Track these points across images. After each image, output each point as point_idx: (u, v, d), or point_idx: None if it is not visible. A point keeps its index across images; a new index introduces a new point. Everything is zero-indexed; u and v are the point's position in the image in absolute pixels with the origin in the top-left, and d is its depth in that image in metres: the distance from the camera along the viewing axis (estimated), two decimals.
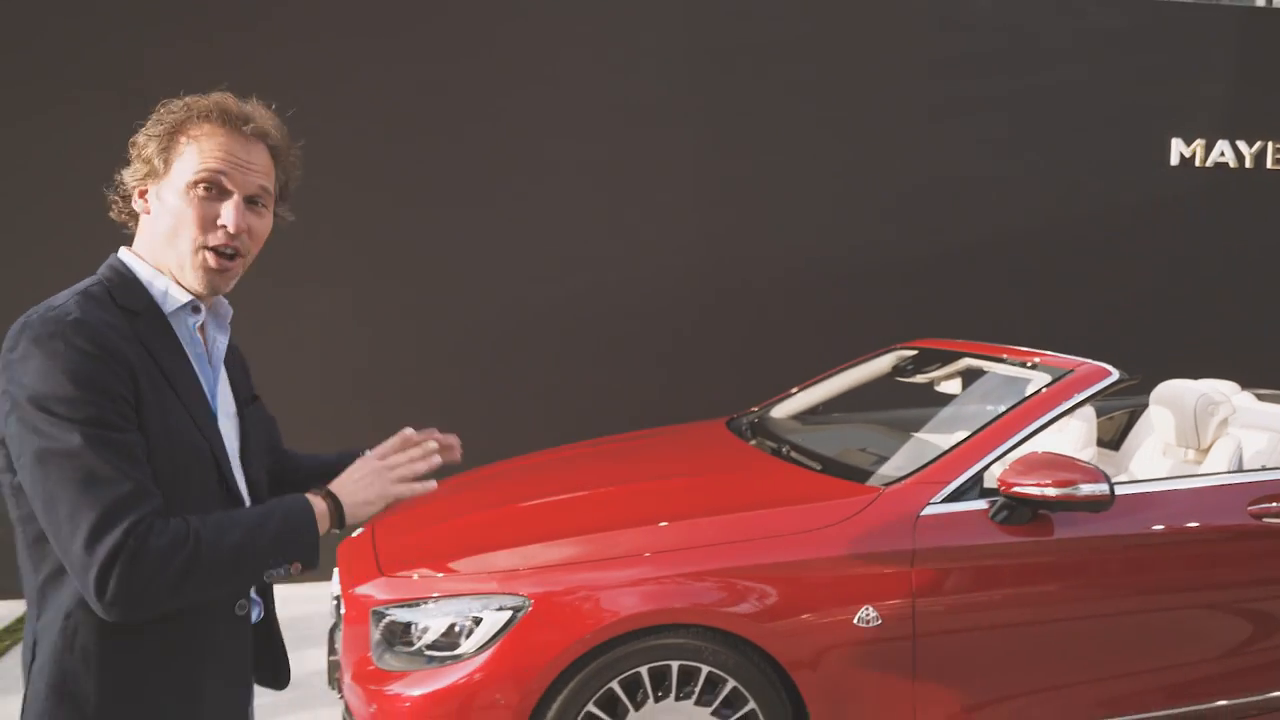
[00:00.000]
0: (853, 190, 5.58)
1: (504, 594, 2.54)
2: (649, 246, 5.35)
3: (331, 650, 3.03)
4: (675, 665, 2.54)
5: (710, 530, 2.70)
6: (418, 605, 2.63)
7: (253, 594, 1.52)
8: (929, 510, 2.73)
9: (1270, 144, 6.10)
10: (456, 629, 2.54)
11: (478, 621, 2.54)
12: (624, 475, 3.38)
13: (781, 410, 4.07)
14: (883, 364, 4.09)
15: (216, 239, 1.38)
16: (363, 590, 2.77)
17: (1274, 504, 2.93)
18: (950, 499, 2.76)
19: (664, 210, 5.36)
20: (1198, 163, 6.03)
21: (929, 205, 5.68)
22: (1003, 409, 3.08)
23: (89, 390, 1.25)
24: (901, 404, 4.12)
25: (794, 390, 4.20)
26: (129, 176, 1.42)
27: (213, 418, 1.44)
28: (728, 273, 5.46)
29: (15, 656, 4.11)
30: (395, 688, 2.56)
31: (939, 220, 5.71)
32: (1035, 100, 5.78)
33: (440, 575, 2.68)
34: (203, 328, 1.47)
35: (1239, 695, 2.90)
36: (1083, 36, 5.84)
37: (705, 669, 2.55)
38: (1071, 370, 3.04)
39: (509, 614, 2.52)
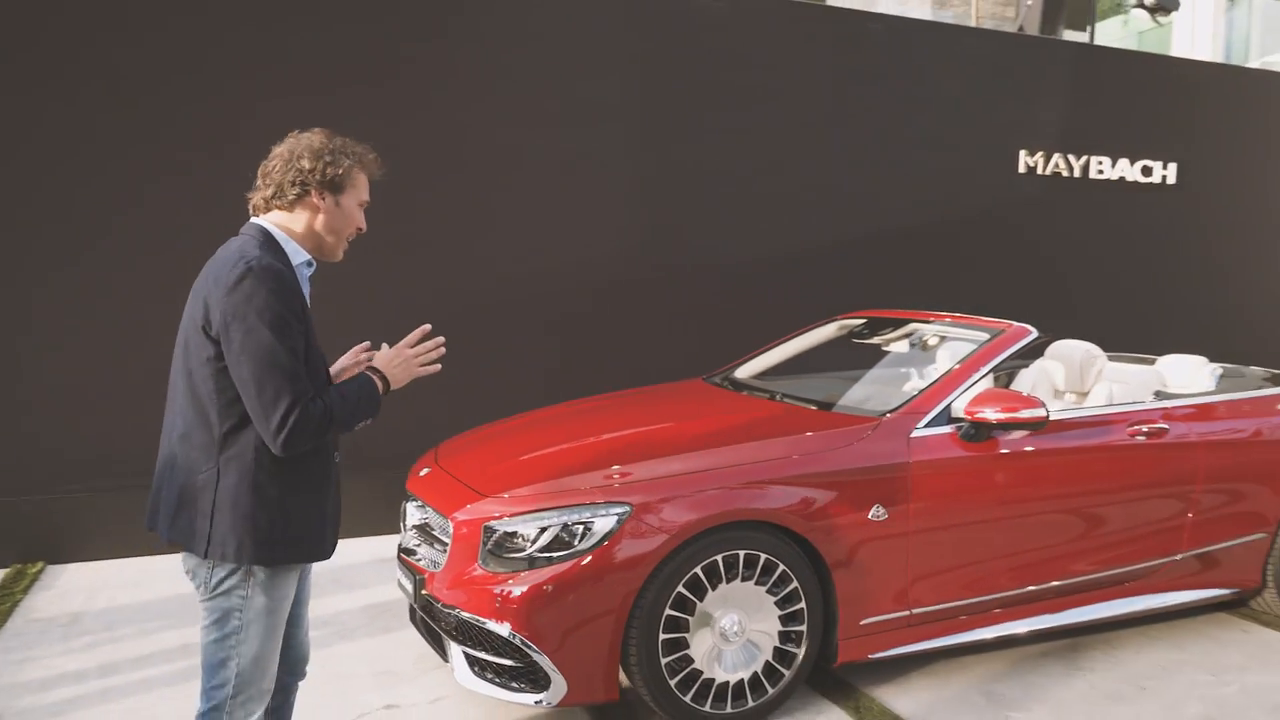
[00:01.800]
0: (767, 187, 6.42)
1: (611, 502, 3.14)
2: (593, 235, 5.97)
3: (409, 575, 3.50)
4: (742, 554, 3.22)
5: (759, 451, 3.40)
6: (527, 517, 3.18)
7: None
8: (916, 433, 3.55)
9: (1092, 158, 7.45)
10: (571, 532, 3.12)
11: (588, 526, 3.13)
12: (659, 416, 4.04)
13: (744, 372, 4.81)
14: (827, 331, 4.92)
15: (352, 234, 2.33)
16: (469, 512, 3.28)
17: (1142, 426, 3.96)
18: (929, 425, 3.59)
19: (607, 203, 6.00)
20: (1039, 171, 7.28)
21: (828, 202, 6.60)
22: (954, 360, 3.97)
23: (286, 313, 2.05)
24: (841, 364, 4.93)
25: (749, 356, 4.95)
26: (312, 179, 2.20)
27: (314, 333, 2.22)
28: (661, 258, 6.16)
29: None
30: (511, 585, 3.10)
31: (836, 215, 6.64)
32: (915, 114, 6.82)
33: (547, 493, 3.23)
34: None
35: (1139, 560, 3.91)
36: (954, 61, 6.93)
37: (763, 556, 3.25)
38: (1004, 330, 3.96)
39: (615, 519, 3.12)
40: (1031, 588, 3.73)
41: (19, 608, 4.34)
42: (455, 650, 3.26)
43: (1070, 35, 9.61)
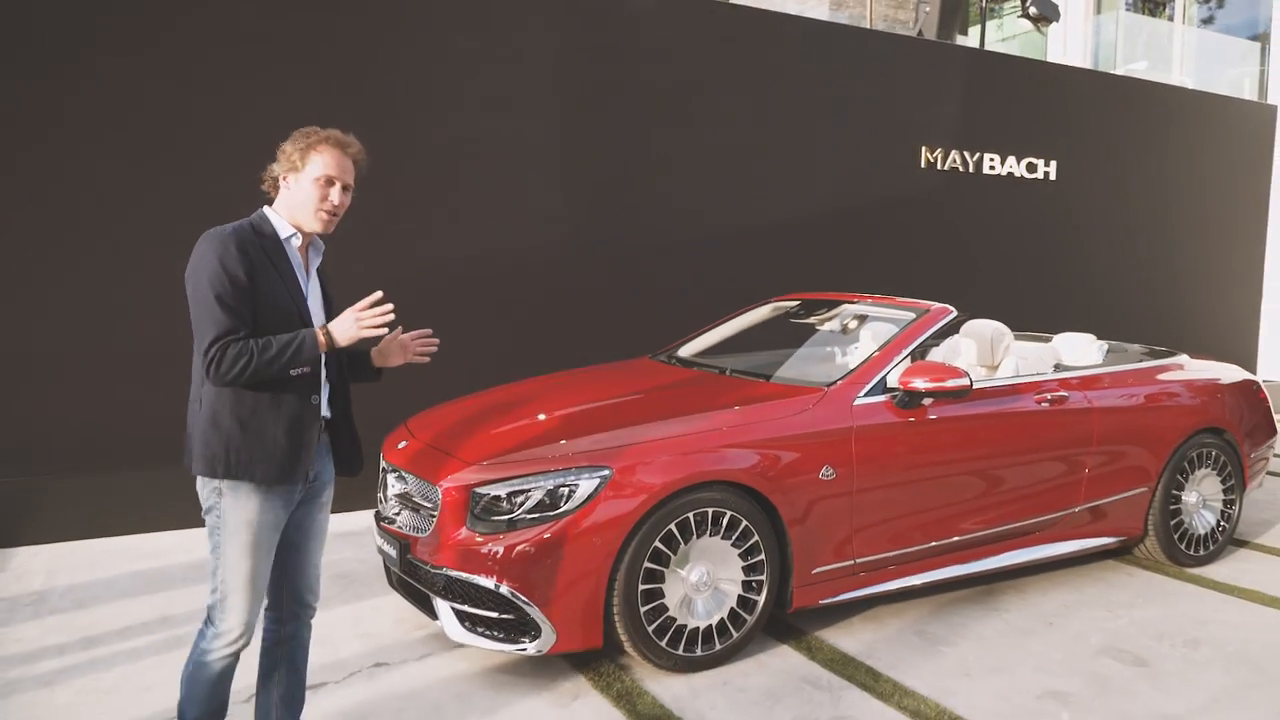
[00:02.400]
0: (693, 179, 6.77)
1: (593, 465, 3.43)
2: (535, 225, 6.21)
3: (392, 542, 3.71)
4: (710, 511, 3.56)
5: (721, 419, 3.74)
6: (515, 481, 3.43)
7: (326, 397, 2.68)
8: (858, 401, 3.95)
9: (984, 154, 8.08)
10: (557, 495, 3.39)
11: (572, 489, 3.40)
12: (621, 390, 4.32)
13: (687, 350, 5.14)
14: (762, 312, 5.30)
15: (326, 208, 2.58)
16: (455, 479, 3.51)
17: (1047, 395, 4.48)
18: (869, 394, 4.00)
19: (548, 193, 6.25)
20: (938, 166, 7.86)
21: (751, 192, 7.00)
22: (883, 337, 4.40)
23: (220, 269, 2.43)
24: (778, 341, 5.30)
25: (690, 336, 5.29)
26: (278, 169, 2.59)
27: (301, 293, 2.60)
28: (597, 246, 6.44)
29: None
30: (502, 544, 3.35)
31: (758, 205, 7.04)
32: (829, 111, 7.28)
33: (532, 459, 3.49)
34: (304, 250, 2.66)
35: (1045, 513, 4.42)
36: (863, 62, 7.42)
37: (729, 514, 3.59)
38: (928, 309, 4.41)
39: (598, 481, 3.40)
40: (956, 538, 4.19)
41: None
42: (444, 608, 3.49)
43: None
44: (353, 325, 2.52)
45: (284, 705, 2.78)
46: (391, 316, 2.55)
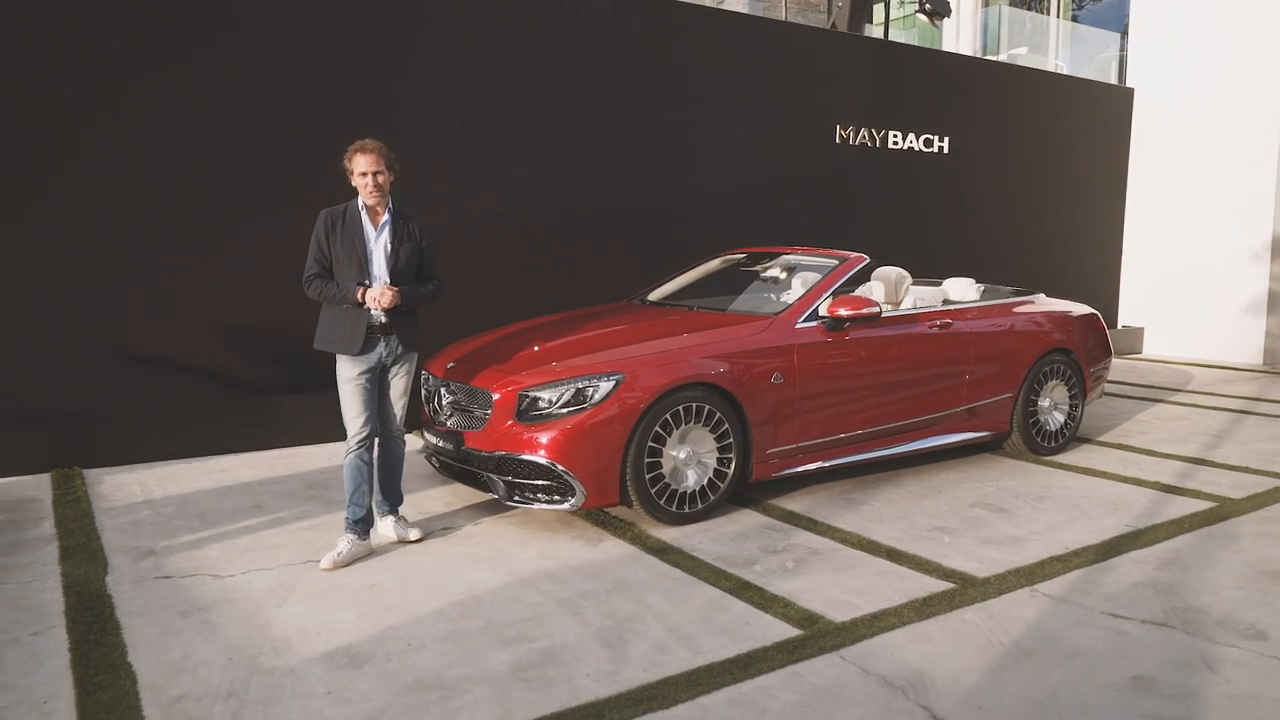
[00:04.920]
0: (647, 153, 7.96)
1: (610, 372, 4.63)
2: (516, 191, 7.33)
3: (435, 431, 4.87)
4: (694, 406, 4.81)
5: (700, 338, 4.99)
6: (551, 385, 4.62)
7: (376, 313, 4.29)
8: (798, 325, 5.25)
9: (889, 131, 9.47)
10: (584, 394, 4.59)
11: (595, 389, 4.61)
12: (614, 323, 5.52)
13: (656, 294, 6.37)
14: (714, 264, 6.56)
15: (367, 189, 4.27)
16: (504, 385, 4.68)
17: (937, 322, 5.85)
18: (805, 320, 5.29)
19: (526, 165, 7.36)
20: (850, 142, 9.22)
21: (693, 163, 8.24)
22: (814, 279, 5.70)
23: (316, 231, 4.32)
24: (729, 285, 6.56)
25: (657, 284, 6.52)
26: (348, 172, 4.28)
27: (364, 246, 4.29)
28: (568, 210, 7.59)
29: None
30: (545, 431, 4.54)
31: (699, 174, 8.29)
32: (757, 93, 8.55)
33: (562, 369, 4.68)
34: (375, 217, 4.33)
35: (935, 411, 5.81)
36: (785, 51, 8.70)
37: (707, 408, 4.85)
38: (847, 257, 5.73)
39: (614, 383, 4.61)
40: (870, 429, 5.54)
41: (92, 496, 5.28)
42: (498, 481, 4.67)
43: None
44: (376, 296, 4.21)
45: (382, 492, 4.59)
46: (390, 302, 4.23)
